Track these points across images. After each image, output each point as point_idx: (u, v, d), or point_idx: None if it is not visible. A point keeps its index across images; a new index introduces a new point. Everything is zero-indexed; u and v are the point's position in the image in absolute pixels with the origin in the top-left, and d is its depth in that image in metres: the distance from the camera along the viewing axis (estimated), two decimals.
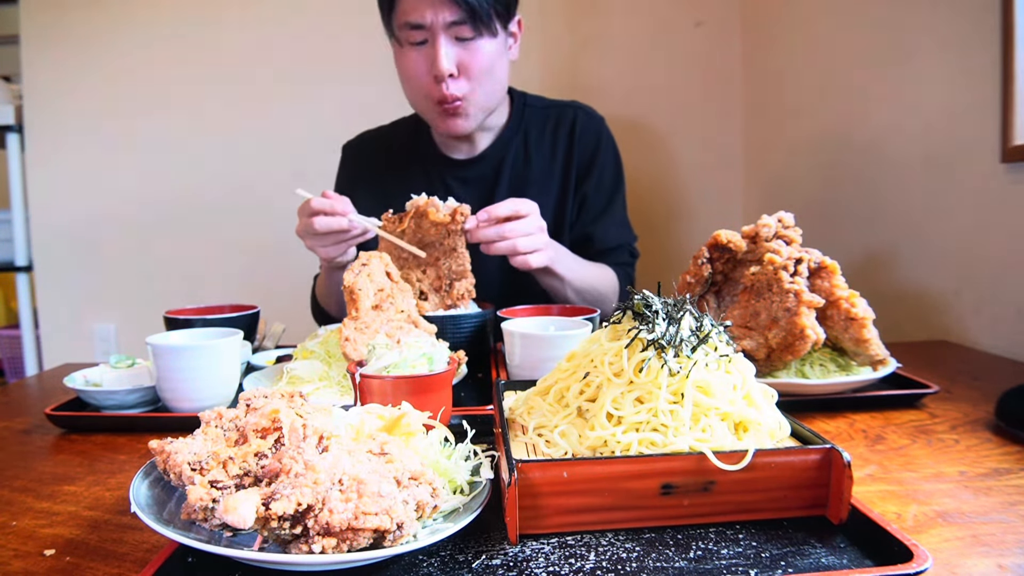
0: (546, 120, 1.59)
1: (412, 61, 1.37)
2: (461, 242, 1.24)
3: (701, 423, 0.64)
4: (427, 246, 1.26)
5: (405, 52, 1.38)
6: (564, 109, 1.60)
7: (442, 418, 0.72)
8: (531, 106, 1.60)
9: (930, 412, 0.96)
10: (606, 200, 1.58)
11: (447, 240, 1.24)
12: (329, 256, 1.27)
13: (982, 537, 0.61)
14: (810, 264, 1.01)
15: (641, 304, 0.69)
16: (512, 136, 1.56)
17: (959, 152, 1.48)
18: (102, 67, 2.61)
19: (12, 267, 2.68)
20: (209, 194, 2.68)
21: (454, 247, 1.24)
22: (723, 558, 0.56)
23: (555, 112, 1.60)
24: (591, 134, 1.59)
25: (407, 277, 1.23)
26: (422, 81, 1.38)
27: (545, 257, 1.27)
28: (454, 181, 1.56)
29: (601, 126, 1.61)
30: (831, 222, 1.96)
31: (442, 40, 1.32)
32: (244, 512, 0.49)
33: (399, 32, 1.36)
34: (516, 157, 1.57)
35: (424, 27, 1.32)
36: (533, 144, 1.57)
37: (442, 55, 1.32)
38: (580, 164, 1.57)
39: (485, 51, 1.36)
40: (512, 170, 1.56)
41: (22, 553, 0.62)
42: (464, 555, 0.57)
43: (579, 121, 1.59)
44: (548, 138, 1.57)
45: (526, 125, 1.58)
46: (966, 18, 1.46)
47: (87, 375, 1.05)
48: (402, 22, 1.34)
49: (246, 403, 0.61)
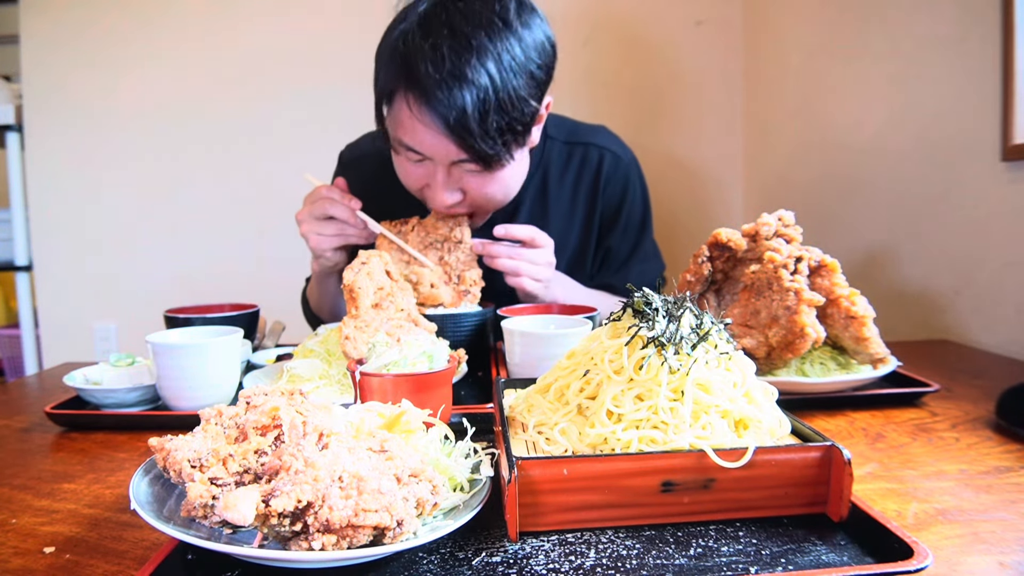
0: (569, 158, 1.43)
1: (408, 173, 1.21)
2: (467, 233, 1.25)
3: (701, 420, 0.64)
4: (432, 244, 1.27)
5: (401, 160, 1.20)
6: (589, 150, 1.43)
7: (442, 416, 0.72)
8: (553, 140, 1.43)
9: (930, 410, 0.96)
10: (631, 247, 1.47)
11: (451, 233, 1.25)
12: (322, 247, 1.21)
13: (982, 535, 0.61)
14: (810, 262, 1.01)
15: (641, 302, 0.69)
16: (530, 178, 1.38)
17: (959, 151, 1.48)
18: (102, 67, 2.61)
19: (12, 266, 2.68)
20: (209, 193, 2.68)
21: (460, 239, 1.25)
22: (723, 555, 0.56)
23: (580, 152, 1.43)
24: (618, 182, 1.44)
25: (417, 273, 1.23)
26: (419, 192, 1.24)
27: (541, 288, 1.24)
28: None
29: (629, 170, 1.46)
30: (831, 221, 1.96)
31: (441, 178, 1.15)
32: (244, 509, 0.49)
33: (393, 141, 1.17)
34: (533, 201, 1.42)
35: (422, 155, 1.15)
36: (553, 183, 1.42)
37: (443, 194, 1.17)
38: (605, 214, 1.44)
39: (497, 178, 1.18)
40: (530, 210, 1.42)
41: (22, 551, 0.62)
42: (464, 552, 0.57)
43: (605, 166, 1.43)
44: (571, 179, 1.43)
45: (546, 163, 1.42)
46: (966, 17, 1.46)
47: (87, 373, 1.04)
48: (396, 137, 1.15)
49: (246, 401, 0.61)
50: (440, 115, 1.05)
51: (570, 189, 1.43)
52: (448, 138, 1.07)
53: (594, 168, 1.43)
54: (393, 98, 1.12)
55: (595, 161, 1.43)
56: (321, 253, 1.24)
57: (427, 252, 1.27)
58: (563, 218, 1.44)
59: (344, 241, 1.23)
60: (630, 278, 1.42)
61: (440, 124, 1.06)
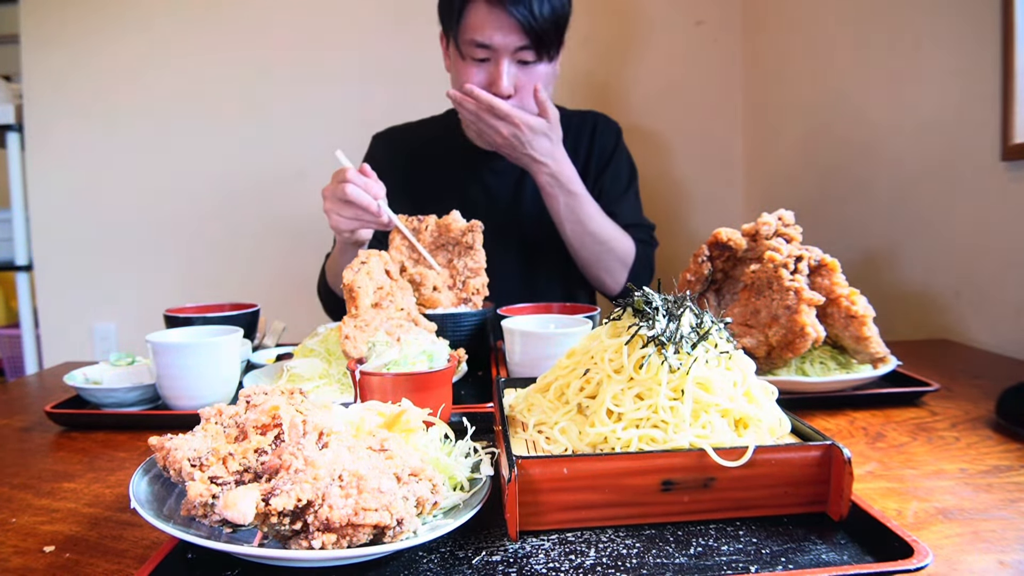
0: (569, 124, 1.61)
1: (471, 76, 1.42)
2: (479, 240, 1.27)
3: (701, 419, 0.64)
4: (444, 245, 1.29)
5: (466, 65, 1.42)
6: (584, 116, 1.69)
7: (442, 415, 0.72)
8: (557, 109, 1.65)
9: (930, 410, 0.96)
10: (623, 189, 1.64)
11: (463, 238, 1.27)
12: (340, 227, 1.26)
13: (983, 533, 0.61)
14: (810, 262, 1.01)
15: (641, 301, 0.69)
16: None
17: (959, 150, 1.48)
18: (102, 67, 2.61)
19: (12, 266, 2.67)
20: (209, 193, 2.67)
21: (471, 245, 1.27)
22: (723, 554, 0.56)
23: (577, 118, 1.67)
24: (610, 135, 1.67)
25: (422, 274, 1.23)
26: None
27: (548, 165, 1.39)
28: (487, 172, 1.61)
29: (619, 129, 1.70)
30: (831, 221, 1.96)
31: (505, 63, 1.38)
32: (244, 508, 0.49)
33: (463, 47, 1.41)
34: None
35: (489, 47, 1.37)
36: None
37: (504, 78, 1.39)
38: (599, 159, 1.65)
39: (542, 74, 1.42)
40: None
41: (21, 549, 0.62)
42: (464, 551, 0.57)
43: (599, 124, 1.68)
44: (571, 139, 1.60)
45: None
46: (966, 16, 1.45)
47: (87, 373, 1.04)
48: (468, 39, 1.39)
49: (246, 400, 0.61)
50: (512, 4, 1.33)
51: (571, 146, 1.58)
52: (516, 23, 1.34)
53: (591, 126, 1.67)
54: (466, 7, 1.39)
55: (590, 122, 1.68)
56: (339, 232, 1.29)
57: (438, 252, 1.28)
58: None
59: (361, 226, 1.26)
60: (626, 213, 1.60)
61: (512, 12, 1.34)
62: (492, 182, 1.61)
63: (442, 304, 1.21)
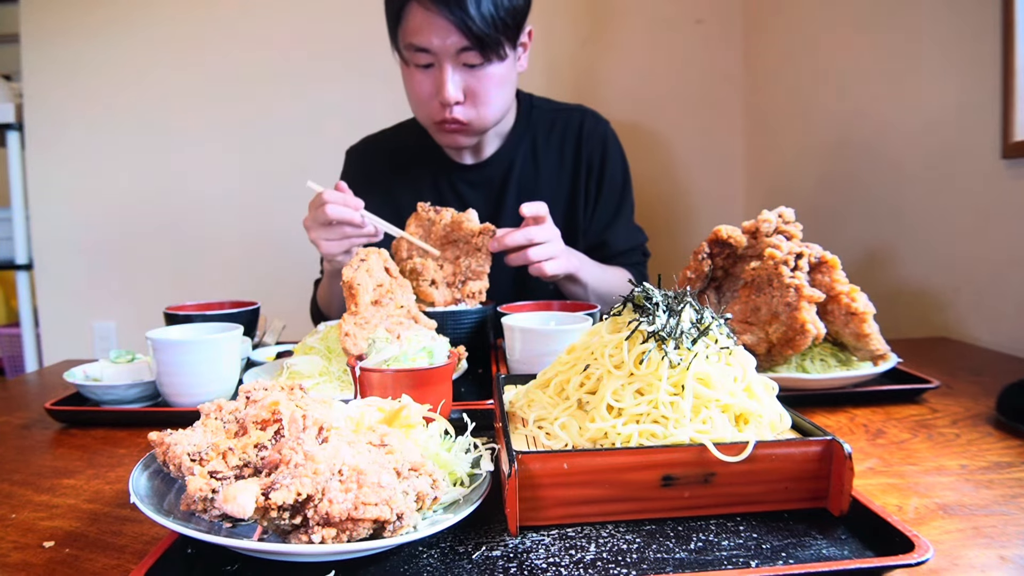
0: (553, 123, 1.58)
1: (417, 83, 1.35)
2: (486, 244, 1.26)
3: (701, 415, 0.64)
4: (453, 243, 1.28)
5: (411, 72, 1.36)
6: (571, 113, 1.60)
7: (442, 411, 0.72)
8: (538, 108, 1.59)
9: (931, 407, 0.96)
10: (616, 204, 1.58)
11: (475, 239, 1.26)
12: (332, 252, 1.24)
13: (983, 529, 0.61)
14: (810, 259, 1.01)
15: (641, 296, 0.69)
16: (520, 140, 1.55)
17: (959, 149, 1.48)
18: (102, 66, 2.61)
19: (12, 265, 2.68)
20: (209, 192, 2.67)
21: (478, 247, 1.26)
22: (724, 549, 0.56)
23: (562, 116, 1.59)
24: (598, 136, 1.58)
25: (424, 266, 1.23)
26: (427, 103, 1.37)
27: (560, 265, 1.27)
28: (463, 185, 1.55)
29: (607, 129, 1.61)
30: (831, 220, 1.96)
31: (448, 68, 1.30)
32: (243, 502, 0.49)
33: (404, 52, 1.34)
34: (524, 161, 1.56)
35: (430, 51, 1.29)
36: (541, 147, 1.57)
37: (448, 84, 1.30)
38: (589, 166, 1.56)
39: (493, 76, 1.33)
40: (521, 174, 1.55)
41: (21, 545, 0.62)
42: (464, 546, 0.57)
43: (586, 124, 1.58)
44: (556, 141, 1.57)
45: (533, 128, 1.57)
46: (966, 15, 1.45)
47: (87, 370, 1.04)
48: (407, 43, 1.31)
49: (246, 395, 0.61)
50: (444, 6, 1.24)
51: (557, 148, 1.58)
52: (452, 26, 1.25)
53: (576, 127, 1.58)
54: (403, 10, 1.30)
55: (577, 121, 1.59)
56: (332, 257, 1.26)
57: (447, 247, 1.28)
58: (553, 174, 1.57)
59: (350, 244, 1.24)
60: (620, 238, 1.56)
61: (445, 15, 1.24)
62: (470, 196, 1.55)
63: (435, 299, 1.21)
